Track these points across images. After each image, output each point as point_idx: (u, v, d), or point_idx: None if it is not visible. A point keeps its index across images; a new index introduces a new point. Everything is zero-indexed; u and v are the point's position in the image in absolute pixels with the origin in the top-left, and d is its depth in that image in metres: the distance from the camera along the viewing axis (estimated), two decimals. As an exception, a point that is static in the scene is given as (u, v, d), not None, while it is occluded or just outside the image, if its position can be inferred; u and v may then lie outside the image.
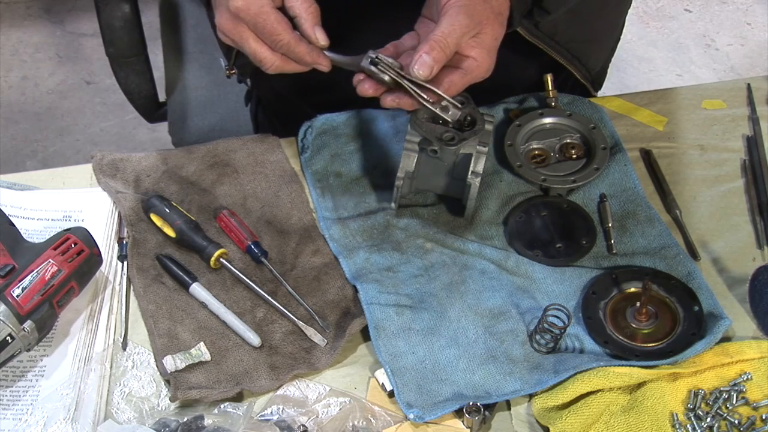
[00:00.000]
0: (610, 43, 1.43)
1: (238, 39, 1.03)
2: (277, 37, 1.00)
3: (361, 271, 1.12)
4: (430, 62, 0.99)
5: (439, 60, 0.99)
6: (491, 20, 1.05)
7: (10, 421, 0.99)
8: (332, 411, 1.00)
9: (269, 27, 1.00)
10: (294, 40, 1.01)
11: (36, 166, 2.51)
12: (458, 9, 1.01)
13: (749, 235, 1.19)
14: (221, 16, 1.02)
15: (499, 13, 1.07)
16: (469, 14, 1.02)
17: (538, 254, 1.15)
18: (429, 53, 0.99)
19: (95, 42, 2.76)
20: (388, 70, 1.01)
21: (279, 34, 1.00)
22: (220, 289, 1.10)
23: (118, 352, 1.05)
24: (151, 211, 1.14)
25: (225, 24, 1.02)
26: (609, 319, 1.08)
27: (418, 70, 0.99)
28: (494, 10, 1.06)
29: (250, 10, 0.99)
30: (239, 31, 1.02)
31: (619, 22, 1.43)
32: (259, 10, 0.99)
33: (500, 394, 1.01)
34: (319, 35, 1.02)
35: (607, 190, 1.21)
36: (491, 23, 1.05)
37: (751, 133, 1.31)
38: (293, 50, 1.01)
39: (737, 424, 1.00)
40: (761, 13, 3.05)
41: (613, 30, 1.43)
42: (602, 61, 1.41)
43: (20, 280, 0.99)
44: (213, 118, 1.59)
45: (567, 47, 1.26)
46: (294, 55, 1.02)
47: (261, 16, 0.99)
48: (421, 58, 0.99)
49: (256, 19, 1.00)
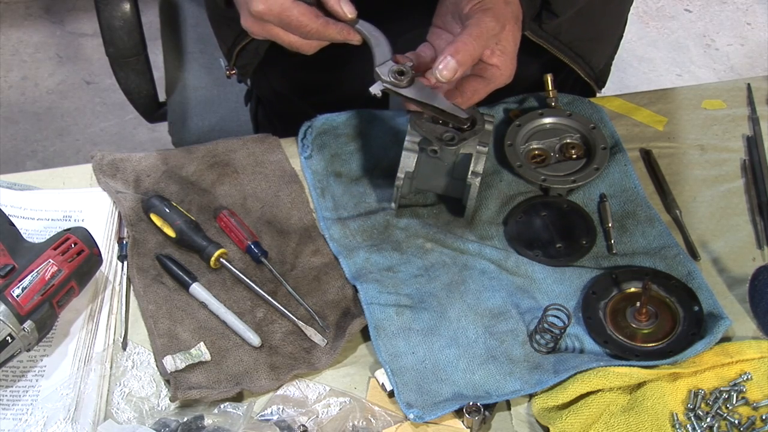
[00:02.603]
0: (613, 39, 1.42)
1: (269, 36, 1.04)
2: (305, 29, 1.01)
3: (361, 271, 1.12)
4: (454, 65, 0.99)
5: (464, 63, 0.99)
6: (512, 24, 1.06)
7: (10, 421, 0.99)
8: (332, 411, 1.00)
9: (294, 22, 1.00)
10: (322, 26, 1.01)
11: (36, 166, 2.51)
12: (484, 12, 1.02)
13: (749, 235, 1.19)
14: (246, 19, 1.04)
15: (517, 17, 1.07)
16: (496, 17, 1.02)
17: (538, 254, 1.15)
18: (454, 56, 0.99)
19: (95, 42, 2.76)
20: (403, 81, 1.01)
21: (305, 25, 1.01)
22: (220, 289, 1.10)
23: (118, 352, 1.05)
24: (151, 211, 1.14)
25: (251, 26, 1.04)
26: (609, 319, 1.08)
27: (442, 71, 0.99)
28: (514, 14, 1.06)
29: (273, 10, 1.00)
30: (267, 30, 1.03)
31: (622, 18, 1.42)
32: (280, 9, 1.00)
33: (500, 394, 1.01)
34: (346, 8, 1.02)
35: (607, 190, 1.21)
36: (512, 27, 1.05)
37: (751, 133, 1.31)
38: (323, 35, 1.02)
39: (737, 424, 1.00)
40: (761, 13, 3.05)
41: (617, 27, 1.43)
42: (606, 58, 1.40)
43: (20, 280, 0.99)
44: (213, 118, 1.59)
45: (571, 46, 1.26)
46: (325, 38, 1.03)
47: (284, 13, 1.00)
48: (447, 60, 0.99)
49: (280, 17, 1.01)
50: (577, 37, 1.26)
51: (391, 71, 1.01)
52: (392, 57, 1.02)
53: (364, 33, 1.03)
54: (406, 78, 1.01)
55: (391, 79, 1.01)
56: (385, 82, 1.01)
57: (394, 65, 1.01)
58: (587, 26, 1.27)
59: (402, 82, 1.01)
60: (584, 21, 1.25)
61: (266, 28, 1.03)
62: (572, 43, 1.26)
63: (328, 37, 1.03)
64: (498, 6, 1.03)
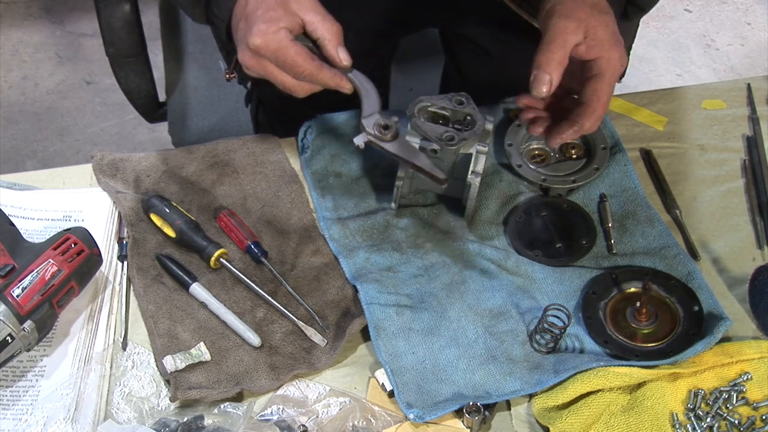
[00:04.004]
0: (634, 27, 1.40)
1: (263, 72, 1.05)
2: (298, 69, 1.02)
3: (361, 271, 1.12)
4: (547, 79, 1.03)
5: (553, 71, 1.03)
6: (592, 14, 1.07)
7: (10, 421, 0.99)
8: (332, 411, 1.00)
9: (290, 60, 1.02)
10: (315, 69, 1.03)
11: (36, 166, 2.51)
12: (550, 17, 1.05)
13: (749, 235, 1.19)
14: (243, 53, 1.05)
15: (594, 3, 1.08)
16: (565, 16, 1.05)
17: (538, 254, 1.15)
18: (544, 69, 1.03)
19: (95, 42, 2.76)
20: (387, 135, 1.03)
21: (299, 66, 1.02)
22: (220, 289, 1.10)
23: (118, 352, 1.05)
24: (151, 211, 1.14)
25: (248, 61, 1.05)
26: (609, 319, 1.08)
27: (539, 89, 1.03)
28: (588, 3, 1.07)
29: (270, 46, 1.01)
30: (262, 66, 1.04)
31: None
32: (278, 46, 1.01)
33: (500, 394, 1.01)
34: (342, 56, 1.04)
35: (607, 190, 1.21)
36: (594, 16, 1.07)
37: (751, 133, 1.31)
38: (316, 78, 1.03)
39: (737, 424, 1.00)
40: (761, 13, 3.04)
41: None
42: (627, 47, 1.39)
43: (20, 280, 0.99)
44: (213, 118, 1.59)
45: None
46: (317, 82, 1.04)
47: (280, 51, 1.02)
48: (536, 76, 1.02)
49: (276, 55, 1.02)
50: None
51: (376, 124, 1.03)
52: (379, 110, 1.03)
53: (355, 82, 1.05)
54: (389, 132, 1.03)
55: (375, 132, 1.03)
56: (369, 134, 1.03)
57: (380, 119, 1.03)
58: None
59: (386, 136, 1.03)
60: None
61: (262, 63, 1.04)
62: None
63: (321, 81, 1.04)
64: (565, 4, 1.06)
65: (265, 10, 1.02)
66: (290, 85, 1.05)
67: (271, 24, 1.01)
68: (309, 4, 1.04)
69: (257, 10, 1.02)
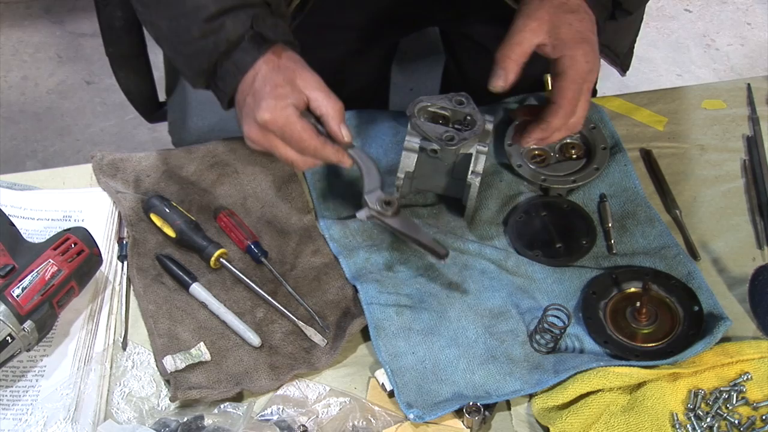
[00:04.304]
0: (638, 23, 1.40)
1: (268, 146, 1.08)
2: (304, 144, 1.06)
3: (361, 271, 1.12)
4: (501, 74, 1.08)
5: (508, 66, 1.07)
6: (556, 14, 1.09)
7: (10, 421, 0.99)
8: (332, 411, 1.00)
9: (296, 136, 1.05)
10: (320, 145, 1.06)
11: (36, 166, 2.51)
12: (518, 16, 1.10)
13: (749, 235, 1.19)
14: (250, 127, 1.08)
15: (561, 3, 1.10)
16: (528, 14, 1.09)
17: (538, 254, 1.15)
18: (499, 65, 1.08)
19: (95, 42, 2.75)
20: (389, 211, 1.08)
21: (305, 141, 1.06)
22: (220, 289, 1.10)
23: (118, 352, 1.05)
24: (151, 211, 1.14)
25: (254, 135, 1.08)
26: (609, 319, 1.08)
27: (493, 83, 1.07)
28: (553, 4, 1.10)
29: (278, 122, 1.05)
30: (268, 140, 1.07)
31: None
32: (285, 121, 1.05)
33: (500, 394, 1.01)
34: (344, 132, 1.08)
35: (607, 190, 1.21)
36: (558, 16, 1.09)
37: (751, 133, 1.31)
38: (319, 154, 1.07)
39: (737, 424, 1.00)
40: (761, 13, 3.04)
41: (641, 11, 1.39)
42: (630, 42, 1.39)
43: (20, 280, 0.99)
44: (213, 118, 1.59)
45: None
46: (320, 157, 1.08)
47: (288, 126, 1.05)
48: (493, 72, 1.07)
49: (283, 130, 1.05)
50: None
51: (379, 200, 1.08)
52: (380, 185, 1.08)
53: (356, 159, 1.09)
54: (391, 208, 1.07)
55: (378, 207, 1.07)
56: (372, 209, 1.07)
57: (382, 195, 1.08)
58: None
59: (388, 212, 1.07)
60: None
61: (268, 137, 1.07)
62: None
63: (324, 157, 1.08)
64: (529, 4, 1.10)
65: (273, 86, 1.06)
66: (293, 158, 1.08)
67: (279, 100, 1.05)
68: (313, 82, 1.08)
69: (265, 86, 1.06)
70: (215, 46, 1.07)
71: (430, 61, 1.65)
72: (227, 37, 1.07)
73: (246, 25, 1.07)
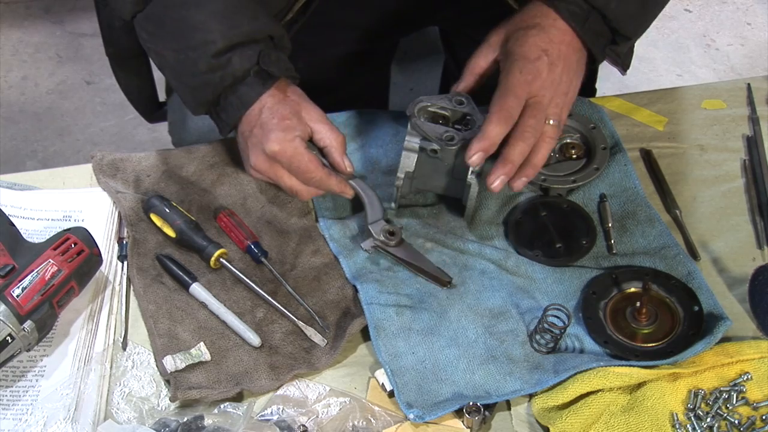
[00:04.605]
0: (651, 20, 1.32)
1: (273, 176, 1.13)
2: (309, 175, 1.10)
3: (361, 271, 1.12)
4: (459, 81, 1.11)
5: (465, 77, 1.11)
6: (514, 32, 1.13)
7: (10, 421, 0.99)
8: (332, 411, 1.00)
9: (303, 166, 1.10)
10: (325, 176, 1.11)
11: (36, 166, 2.51)
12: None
13: (749, 235, 1.19)
14: (257, 157, 1.12)
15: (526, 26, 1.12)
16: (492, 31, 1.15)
17: (538, 254, 1.14)
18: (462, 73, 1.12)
19: (95, 42, 2.76)
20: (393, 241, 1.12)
21: (311, 172, 1.10)
22: (220, 289, 1.10)
23: (118, 352, 1.05)
24: (151, 211, 1.14)
25: (261, 165, 1.12)
26: (609, 319, 1.08)
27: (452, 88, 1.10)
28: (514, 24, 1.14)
29: (286, 153, 1.09)
30: (274, 170, 1.12)
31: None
32: (294, 152, 1.09)
33: (500, 394, 1.01)
34: (347, 163, 1.13)
35: (607, 190, 1.21)
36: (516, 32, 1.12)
37: (751, 133, 1.31)
38: (323, 185, 1.12)
39: (737, 424, 1.00)
40: (761, 13, 3.04)
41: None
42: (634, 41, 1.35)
43: (20, 280, 0.99)
44: (213, 118, 1.59)
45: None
46: (324, 187, 1.13)
47: (295, 157, 1.09)
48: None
49: (291, 161, 1.10)
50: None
51: (383, 230, 1.12)
52: (383, 216, 1.13)
53: (358, 189, 1.15)
54: (395, 238, 1.12)
55: (383, 238, 1.12)
56: (377, 240, 1.12)
57: (386, 225, 1.12)
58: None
59: (392, 242, 1.12)
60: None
61: (274, 168, 1.11)
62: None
63: (327, 187, 1.13)
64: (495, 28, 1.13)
65: (281, 119, 1.10)
66: (297, 189, 1.13)
67: (287, 132, 1.09)
68: (317, 115, 1.13)
69: (272, 118, 1.10)
70: (221, 80, 1.10)
71: (430, 61, 1.65)
72: (233, 72, 1.09)
73: (252, 60, 1.10)
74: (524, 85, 1.08)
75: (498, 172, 1.08)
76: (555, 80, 1.11)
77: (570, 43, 1.12)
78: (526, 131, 1.08)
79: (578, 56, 1.14)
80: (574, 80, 1.14)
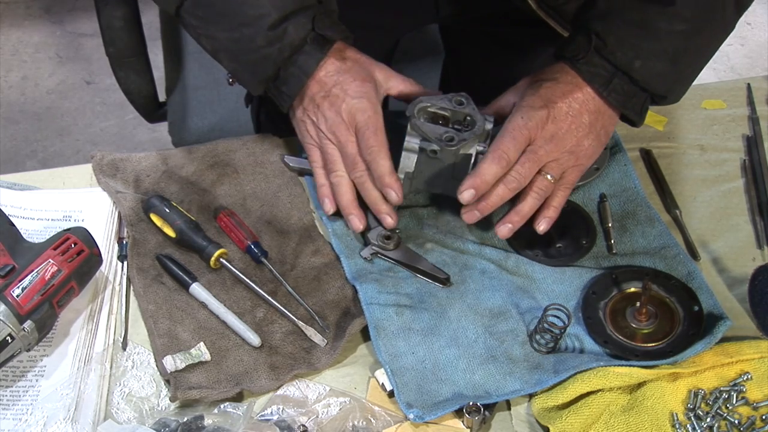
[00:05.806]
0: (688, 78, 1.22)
1: (344, 140, 1.11)
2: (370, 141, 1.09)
3: (362, 271, 1.12)
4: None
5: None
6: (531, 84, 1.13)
7: (10, 421, 0.99)
8: (332, 411, 1.00)
9: (374, 124, 1.09)
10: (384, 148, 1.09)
11: (36, 166, 2.51)
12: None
13: (749, 235, 1.19)
14: (335, 116, 1.10)
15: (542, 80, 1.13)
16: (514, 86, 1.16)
17: (538, 254, 1.15)
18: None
19: (95, 42, 2.76)
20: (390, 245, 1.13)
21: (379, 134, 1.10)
22: (220, 289, 1.10)
23: (118, 352, 1.05)
24: (151, 211, 1.14)
25: (337, 126, 1.11)
26: (609, 319, 1.08)
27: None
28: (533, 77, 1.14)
29: (366, 111, 1.09)
30: (347, 135, 1.11)
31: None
32: (373, 112, 1.10)
33: (500, 394, 1.01)
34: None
35: (607, 190, 1.21)
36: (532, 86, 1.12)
37: (751, 133, 1.31)
38: (376, 157, 1.09)
39: (737, 424, 1.00)
40: (761, 13, 3.04)
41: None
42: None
43: (20, 280, 0.99)
44: (213, 118, 1.59)
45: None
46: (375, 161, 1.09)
47: (373, 118, 1.10)
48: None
49: (368, 123, 1.09)
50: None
51: (379, 235, 1.13)
52: (379, 221, 1.14)
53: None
54: (392, 242, 1.13)
55: (379, 242, 1.13)
56: (374, 245, 1.13)
57: (382, 230, 1.13)
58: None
59: (389, 245, 1.13)
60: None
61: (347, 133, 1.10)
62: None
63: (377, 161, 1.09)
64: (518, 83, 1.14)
65: (357, 80, 1.10)
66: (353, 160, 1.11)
67: (367, 90, 1.10)
68: (387, 70, 1.15)
69: (349, 80, 1.10)
70: (279, 53, 1.08)
71: (430, 61, 1.65)
72: (291, 42, 1.08)
73: (307, 27, 1.08)
74: (523, 130, 1.07)
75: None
76: (557, 135, 1.09)
77: (584, 103, 1.10)
78: (510, 175, 1.08)
79: (594, 118, 1.10)
80: (585, 141, 1.10)
